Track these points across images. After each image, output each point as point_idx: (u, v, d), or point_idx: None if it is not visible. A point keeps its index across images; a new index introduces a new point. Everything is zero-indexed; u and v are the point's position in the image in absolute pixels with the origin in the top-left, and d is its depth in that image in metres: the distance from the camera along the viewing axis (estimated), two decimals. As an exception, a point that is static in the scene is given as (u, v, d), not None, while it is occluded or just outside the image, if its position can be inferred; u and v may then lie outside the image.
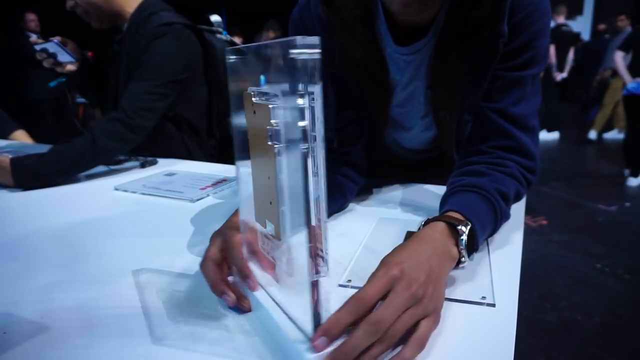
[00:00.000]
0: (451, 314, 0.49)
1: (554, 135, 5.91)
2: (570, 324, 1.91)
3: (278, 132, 0.39)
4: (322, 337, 0.39)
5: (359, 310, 0.40)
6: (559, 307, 2.04)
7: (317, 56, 0.34)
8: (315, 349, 0.38)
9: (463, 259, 0.54)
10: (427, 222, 0.57)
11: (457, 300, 0.51)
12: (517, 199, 0.70)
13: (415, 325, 0.42)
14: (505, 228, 0.72)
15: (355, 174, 0.82)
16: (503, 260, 0.61)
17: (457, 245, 0.53)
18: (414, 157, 0.97)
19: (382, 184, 0.95)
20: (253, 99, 0.42)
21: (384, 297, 0.42)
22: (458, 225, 0.54)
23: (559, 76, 5.65)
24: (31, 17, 4.81)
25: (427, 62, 0.76)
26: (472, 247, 0.56)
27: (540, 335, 1.83)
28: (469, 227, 0.55)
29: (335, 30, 0.74)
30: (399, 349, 0.41)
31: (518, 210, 0.79)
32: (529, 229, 2.92)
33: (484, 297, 0.51)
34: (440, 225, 0.54)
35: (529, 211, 3.15)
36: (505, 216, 0.66)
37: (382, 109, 0.81)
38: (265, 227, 0.45)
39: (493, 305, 0.50)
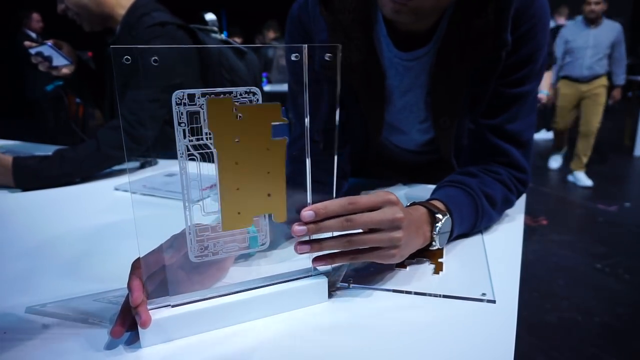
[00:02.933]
0: (452, 311, 0.49)
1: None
2: (570, 324, 1.91)
3: (286, 126, 0.45)
4: (310, 211, 0.47)
5: (347, 209, 0.48)
6: (559, 307, 2.04)
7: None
8: (302, 217, 0.47)
9: (434, 242, 0.59)
10: (411, 204, 0.63)
11: (457, 297, 0.51)
12: (506, 204, 0.73)
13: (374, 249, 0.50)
14: (505, 228, 0.73)
15: (338, 180, 0.80)
16: (503, 259, 0.61)
17: (432, 230, 0.59)
18: (409, 157, 0.97)
19: (381, 185, 0.95)
20: (237, 102, 0.43)
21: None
22: (437, 213, 0.60)
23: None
24: (36, 18, 4.82)
25: (428, 69, 0.76)
26: (447, 235, 0.62)
27: (541, 335, 1.83)
28: (446, 217, 0.60)
29: (333, 32, 0.72)
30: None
31: (518, 210, 0.79)
32: (529, 229, 2.92)
33: (484, 294, 0.51)
34: (422, 209, 0.60)
35: (529, 211, 3.15)
36: (488, 216, 0.69)
37: (377, 115, 0.81)
38: (249, 225, 0.47)
39: (493, 301, 0.50)
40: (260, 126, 0.44)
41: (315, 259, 0.49)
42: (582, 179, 3.78)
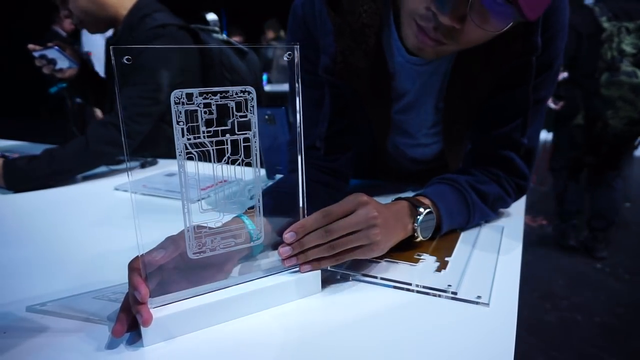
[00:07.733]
0: (452, 310, 0.49)
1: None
2: (570, 324, 1.91)
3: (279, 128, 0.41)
4: (291, 232, 0.50)
5: (323, 222, 0.51)
6: (559, 307, 2.04)
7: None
8: (285, 240, 0.50)
9: (416, 234, 0.61)
10: (396, 199, 0.64)
11: (454, 298, 0.51)
12: (500, 202, 0.73)
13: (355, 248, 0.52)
14: (505, 228, 0.72)
15: (339, 182, 0.78)
16: (503, 260, 0.61)
17: (414, 223, 0.61)
18: (415, 168, 0.94)
19: (386, 187, 0.95)
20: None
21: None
22: (419, 207, 0.62)
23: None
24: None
25: (441, 74, 0.73)
26: (432, 228, 0.63)
27: (540, 335, 1.83)
28: (428, 210, 0.62)
29: (339, 35, 0.68)
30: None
31: (518, 210, 0.79)
32: (529, 229, 2.92)
33: (479, 297, 0.51)
34: (403, 203, 0.62)
35: (529, 211, 3.15)
36: (481, 210, 0.69)
37: (383, 118, 0.78)
38: None
39: (487, 304, 0.50)
40: None
41: (302, 265, 0.51)
42: None
